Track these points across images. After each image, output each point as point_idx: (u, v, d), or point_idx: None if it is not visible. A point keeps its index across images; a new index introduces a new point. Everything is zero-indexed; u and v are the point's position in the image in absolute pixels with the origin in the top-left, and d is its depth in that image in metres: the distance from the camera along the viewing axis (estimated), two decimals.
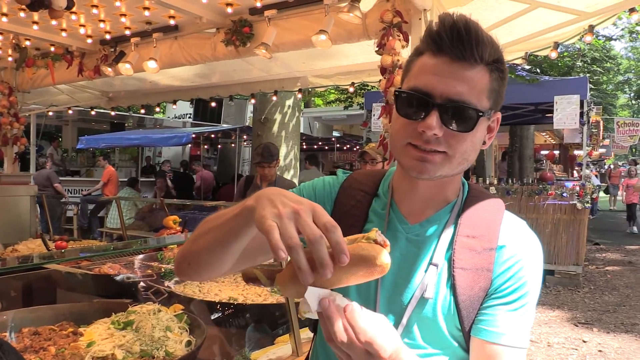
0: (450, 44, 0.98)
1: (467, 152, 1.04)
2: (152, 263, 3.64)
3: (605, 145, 21.90)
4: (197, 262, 1.05)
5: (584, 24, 3.73)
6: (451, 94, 0.98)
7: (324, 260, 0.76)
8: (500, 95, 1.06)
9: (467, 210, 1.12)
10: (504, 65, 1.04)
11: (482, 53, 0.99)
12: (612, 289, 8.18)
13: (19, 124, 6.28)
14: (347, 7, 3.29)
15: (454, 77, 0.99)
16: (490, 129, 1.10)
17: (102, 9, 4.29)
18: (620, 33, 23.58)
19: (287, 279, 0.81)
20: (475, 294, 1.04)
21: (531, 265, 1.07)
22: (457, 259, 1.06)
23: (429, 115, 0.98)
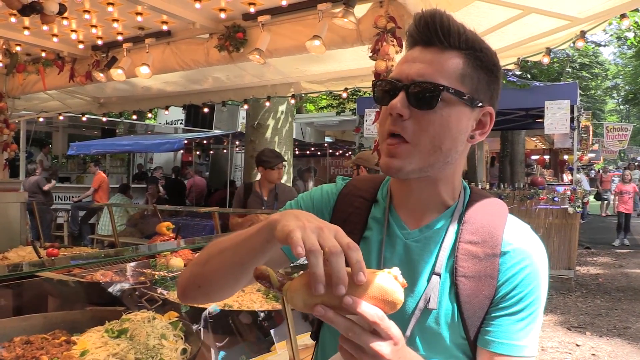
0: (418, 32, 1.02)
1: (438, 137, 0.99)
2: (145, 270, 3.60)
3: (595, 150, 22.12)
4: (210, 284, 1.04)
5: (576, 29, 3.76)
6: (416, 75, 0.99)
7: (341, 274, 0.75)
8: (484, 86, 1.04)
9: (469, 215, 1.09)
10: (485, 56, 1.03)
11: (449, 38, 1.00)
12: (604, 292, 8.23)
13: (9, 130, 6.23)
14: (341, 12, 3.29)
15: (420, 60, 1.01)
16: (482, 123, 1.06)
17: (94, 14, 4.27)
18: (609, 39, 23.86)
19: (298, 287, 0.78)
20: (480, 302, 1.02)
21: (537, 271, 1.04)
22: (460, 266, 1.03)
23: (396, 97, 0.99)
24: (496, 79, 1.06)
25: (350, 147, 14.88)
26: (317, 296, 0.76)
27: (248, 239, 0.94)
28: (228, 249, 0.99)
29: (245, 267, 0.96)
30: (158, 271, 3.56)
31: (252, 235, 0.93)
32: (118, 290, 3.19)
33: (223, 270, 1.00)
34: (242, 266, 0.97)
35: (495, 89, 1.06)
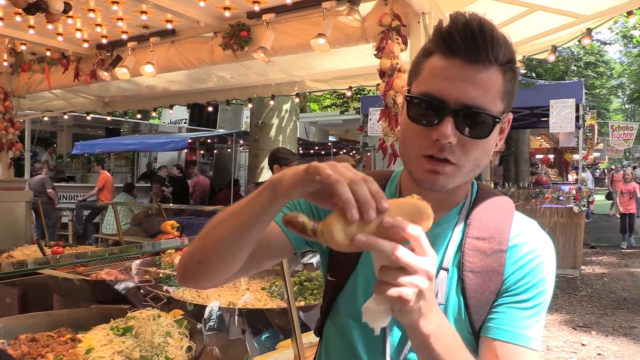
0: (464, 45, 0.92)
1: (479, 159, 1.00)
2: (150, 268, 3.60)
3: (600, 149, 22.02)
4: (210, 258, 1.00)
5: (582, 27, 3.73)
6: (465, 99, 0.94)
7: (367, 198, 0.75)
8: (513, 96, 1.02)
9: (476, 211, 1.09)
10: (516, 66, 1.00)
11: (497, 54, 0.94)
12: (610, 292, 8.19)
13: (14, 129, 6.24)
14: (346, 10, 3.28)
15: (467, 81, 0.94)
16: (502, 130, 1.06)
17: (99, 13, 4.27)
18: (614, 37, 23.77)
19: (333, 221, 0.76)
20: (486, 298, 1.01)
21: (543, 264, 1.03)
22: (467, 261, 1.03)
23: (443, 122, 0.94)
24: (517, 84, 1.04)
25: (354, 146, 14.87)
26: (353, 227, 0.76)
27: (248, 203, 0.91)
28: (228, 217, 0.96)
29: (247, 233, 0.93)
30: (163, 269, 3.56)
31: (252, 198, 0.90)
32: (123, 288, 3.20)
33: (223, 239, 0.96)
34: (244, 232, 0.93)
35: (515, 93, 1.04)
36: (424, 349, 0.87)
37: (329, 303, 1.15)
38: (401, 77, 3.41)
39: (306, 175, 0.79)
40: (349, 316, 1.11)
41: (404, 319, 0.82)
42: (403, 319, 0.83)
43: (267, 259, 1.14)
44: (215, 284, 1.09)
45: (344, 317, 1.12)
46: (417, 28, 3.46)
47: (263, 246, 1.06)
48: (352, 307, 1.10)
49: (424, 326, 0.83)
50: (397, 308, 0.80)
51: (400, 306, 0.79)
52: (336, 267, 1.14)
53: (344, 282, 1.11)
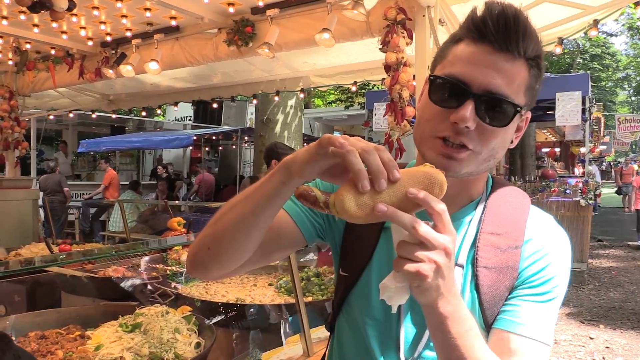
0: (496, 32, 0.92)
1: (495, 149, 0.99)
2: (158, 265, 3.62)
3: (606, 142, 21.90)
4: (220, 243, 0.98)
5: (589, 18, 3.70)
6: (490, 85, 0.92)
7: (379, 167, 0.76)
8: (535, 93, 1.00)
9: (492, 206, 1.07)
10: (543, 63, 0.99)
11: (526, 47, 0.93)
12: (617, 285, 8.16)
13: (20, 128, 6.26)
14: (350, 4, 3.26)
15: (494, 68, 0.93)
16: (519, 128, 1.04)
17: (102, 10, 4.27)
18: (621, 29, 23.61)
19: (345, 192, 0.77)
20: (500, 293, 1.01)
21: (558, 259, 1.02)
22: (481, 257, 1.02)
23: (464, 106, 0.92)
24: (540, 83, 1.02)
25: None
26: (365, 197, 0.76)
27: (260, 186, 0.91)
28: (240, 202, 0.95)
29: (259, 217, 0.92)
30: (170, 266, 3.57)
31: (265, 181, 0.90)
32: (130, 285, 3.21)
33: (235, 223, 0.95)
34: (255, 216, 0.92)
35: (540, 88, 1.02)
36: (439, 332, 0.86)
37: (341, 298, 1.14)
38: (407, 71, 3.39)
39: (319, 148, 0.80)
40: (362, 312, 1.10)
41: (422, 297, 0.82)
42: (421, 298, 0.82)
43: (277, 250, 1.13)
44: (224, 274, 1.08)
45: (357, 313, 1.11)
46: (423, 22, 3.43)
47: (273, 236, 1.05)
48: (365, 304, 1.09)
49: (442, 306, 0.83)
50: (414, 285, 0.79)
51: (418, 282, 0.78)
52: (349, 263, 1.13)
53: (357, 277, 1.10)
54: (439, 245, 0.77)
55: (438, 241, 0.77)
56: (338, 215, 0.78)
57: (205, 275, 1.10)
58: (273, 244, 1.07)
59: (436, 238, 0.77)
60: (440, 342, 0.88)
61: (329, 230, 1.17)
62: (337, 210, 0.77)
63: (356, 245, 1.12)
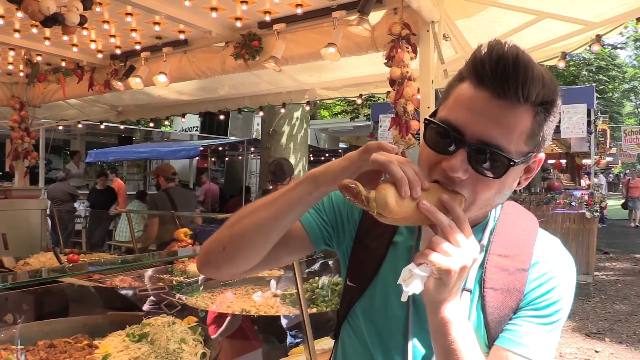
0: (493, 78, 0.88)
1: (491, 198, 0.97)
2: (164, 276, 3.66)
3: (612, 153, 21.81)
4: (237, 244, 1.03)
5: (591, 33, 3.74)
6: (484, 135, 0.89)
7: (415, 178, 0.86)
8: (545, 137, 0.96)
9: (500, 229, 1.09)
10: (554, 106, 0.93)
11: (529, 93, 0.88)
12: (623, 298, 8.12)
13: (30, 138, 6.35)
14: (356, 20, 3.31)
15: (490, 117, 0.89)
16: (529, 169, 1.01)
17: (113, 24, 4.35)
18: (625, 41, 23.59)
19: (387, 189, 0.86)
20: (505, 314, 1.03)
21: (564, 283, 1.05)
22: (488, 278, 1.04)
23: (455, 155, 0.91)
24: (555, 120, 0.97)
25: None
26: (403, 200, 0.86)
27: (284, 194, 0.98)
28: (262, 207, 1.01)
29: (279, 222, 0.99)
30: (176, 277, 3.61)
31: (289, 190, 0.97)
32: (137, 295, 3.25)
33: (255, 227, 1.00)
34: (277, 221, 0.99)
35: (552, 131, 0.98)
36: (441, 335, 0.91)
37: (347, 308, 1.17)
38: (411, 85, 3.43)
39: (364, 153, 0.89)
40: (367, 322, 1.13)
41: (436, 292, 0.88)
42: (435, 293, 0.88)
43: (285, 254, 1.17)
44: (234, 274, 1.13)
45: (362, 323, 1.14)
46: (427, 37, 3.49)
47: (283, 240, 1.08)
48: (370, 315, 1.12)
49: (449, 309, 0.90)
50: (437, 276, 0.86)
51: (442, 275, 0.86)
52: (356, 274, 1.16)
53: (364, 289, 1.13)
54: (468, 248, 0.86)
55: (468, 244, 0.86)
56: (376, 211, 0.86)
57: (215, 274, 1.16)
58: (282, 247, 1.10)
59: (467, 241, 0.86)
60: (440, 346, 0.93)
61: (338, 240, 1.21)
62: (377, 204, 0.85)
63: (364, 258, 1.15)
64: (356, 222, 1.18)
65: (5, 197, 5.81)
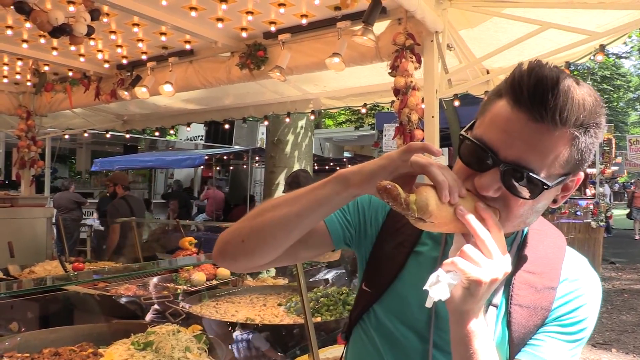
0: (531, 102, 0.85)
1: (525, 215, 0.96)
2: (168, 284, 3.66)
3: (618, 163, 21.74)
4: (256, 238, 1.01)
5: (595, 43, 3.74)
6: (518, 158, 0.87)
7: (455, 183, 0.86)
8: (584, 158, 0.92)
9: (529, 245, 1.08)
10: (597, 128, 0.90)
11: (567, 118, 0.85)
12: (630, 308, 8.05)
13: (36, 147, 6.40)
14: (360, 30, 3.33)
15: (525, 141, 0.87)
16: (567, 187, 0.98)
17: (119, 34, 4.40)
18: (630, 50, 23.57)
19: (427, 192, 0.85)
20: (529, 332, 1.02)
21: (591, 302, 1.04)
22: (516, 295, 1.02)
23: (487, 174, 0.90)
24: (597, 140, 0.92)
25: None
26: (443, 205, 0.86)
27: (310, 192, 0.95)
28: (285, 202, 0.99)
29: (303, 220, 0.97)
30: (180, 285, 3.62)
31: (314, 188, 0.95)
32: (142, 304, 3.25)
33: (278, 222, 0.98)
34: (300, 218, 0.97)
35: (594, 149, 0.94)
36: (462, 346, 0.90)
37: (361, 312, 1.16)
38: (415, 95, 3.45)
39: (405, 153, 0.88)
40: (380, 328, 1.12)
41: (462, 302, 0.87)
42: (461, 303, 0.87)
43: (304, 250, 1.15)
44: (250, 267, 1.11)
45: (376, 328, 1.13)
46: (431, 47, 3.51)
47: (303, 236, 1.06)
48: (384, 322, 1.11)
49: (473, 320, 0.88)
50: (465, 286, 0.85)
51: (471, 285, 0.84)
52: (373, 279, 1.15)
53: (379, 295, 1.12)
54: (500, 261, 0.85)
55: (501, 257, 0.85)
56: (416, 214, 0.84)
57: (231, 266, 1.14)
58: (302, 242, 1.07)
59: (500, 254, 0.85)
60: (460, 356, 0.92)
61: (359, 242, 1.20)
62: (417, 207, 0.84)
63: (383, 264, 1.14)
64: (379, 227, 1.17)
65: (11, 205, 5.84)
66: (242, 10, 3.81)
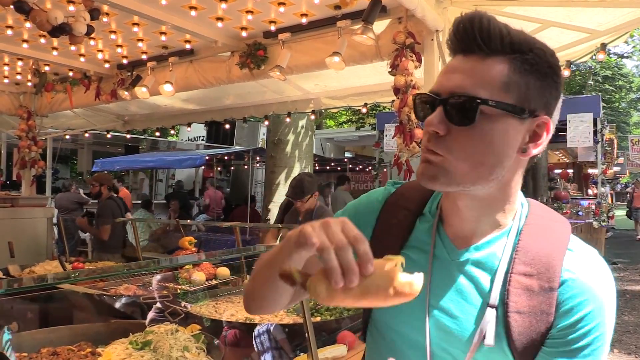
0: (459, 40, 0.92)
1: (479, 154, 0.91)
2: (168, 284, 3.66)
3: (620, 163, 21.70)
4: (259, 298, 1.08)
5: (596, 42, 3.74)
6: (453, 87, 0.90)
7: (351, 265, 0.75)
8: (537, 92, 0.91)
9: (524, 240, 0.97)
10: (536, 57, 0.90)
11: (490, 43, 0.89)
12: (632, 309, 8.03)
13: (37, 147, 6.40)
14: (360, 29, 3.33)
15: (460, 71, 0.91)
16: (537, 135, 0.94)
17: (119, 34, 4.39)
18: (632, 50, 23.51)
19: (320, 278, 0.80)
20: (533, 340, 0.92)
21: (601, 306, 0.91)
22: (512, 301, 0.92)
23: (433, 113, 0.92)
24: (553, 83, 0.93)
25: (370, 162, 14.88)
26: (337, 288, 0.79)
27: (275, 256, 0.94)
28: (264, 266, 1.01)
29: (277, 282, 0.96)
30: (181, 285, 3.61)
31: (277, 252, 0.93)
32: (141, 304, 3.24)
33: (265, 285, 1.03)
34: (275, 282, 0.95)
35: (553, 93, 0.93)
36: None
37: (367, 312, 1.15)
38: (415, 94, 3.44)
39: (296, 243, 0.81)
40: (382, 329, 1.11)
41: None
42: None
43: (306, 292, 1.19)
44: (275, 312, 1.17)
45: (379, 328, 1.12)
46: (431, 45, 3.50)
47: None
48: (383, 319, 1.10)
49: None
50: None
51: None
52: None
53: None
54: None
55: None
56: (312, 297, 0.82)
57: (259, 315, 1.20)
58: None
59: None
60: None
61: None
62: (311, 293, 0.81)
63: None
64: (371, 230, 1.13)
65: (12, 205, 5.84)
66: (242, 9, 3.80)
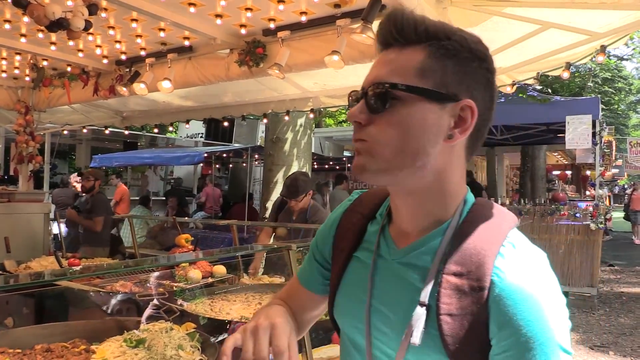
0: (378, 34, 0.97)
1: (398, 139, 0.90)
2: (164, 281, 3.65)
3: (618, 165, 21.71)
4: None
5: (596, 44, 3.73)
6: (375, 78, 0.94)
7: None
8: (456, 77, 0.90)
9: (460, 237, 0.91)
10: (454, 43, 0.91)
11: (403, 33, 0.92)
12: (628, 311, 8.04)
13: (35, 143, 6.38)
14: (359, 28, 3.31)
15: (380, 64, 0.96)
16: (462, 120, 0.91)
17: (118, 30, 4.37)
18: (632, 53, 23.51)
19: None
20: (469, 343, 0.85)
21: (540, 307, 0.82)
22: (443, 303, 0.86)
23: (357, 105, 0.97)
24: (479, 69, 0.92)
25: None
26: None
27: None
28: None
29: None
30: (177, 282, 3.60)
31: None
32: (137, 301, 3.24)
33: None
34: None
35: (475, 78, 0.92)
36: None
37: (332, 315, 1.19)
38: None
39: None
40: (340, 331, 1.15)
41: None
42: None
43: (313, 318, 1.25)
44: None
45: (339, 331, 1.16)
46: None
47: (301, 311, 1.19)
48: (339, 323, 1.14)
49: None
50: None
51: None
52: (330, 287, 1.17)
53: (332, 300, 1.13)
54: None
55: None
56: None
57: None
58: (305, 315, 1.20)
59: None
60: None
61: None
62: None
63: (333, 273, 1.14)
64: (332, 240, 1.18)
65: (8, 200, 5.82)
66: (241, 6, 3.79)
